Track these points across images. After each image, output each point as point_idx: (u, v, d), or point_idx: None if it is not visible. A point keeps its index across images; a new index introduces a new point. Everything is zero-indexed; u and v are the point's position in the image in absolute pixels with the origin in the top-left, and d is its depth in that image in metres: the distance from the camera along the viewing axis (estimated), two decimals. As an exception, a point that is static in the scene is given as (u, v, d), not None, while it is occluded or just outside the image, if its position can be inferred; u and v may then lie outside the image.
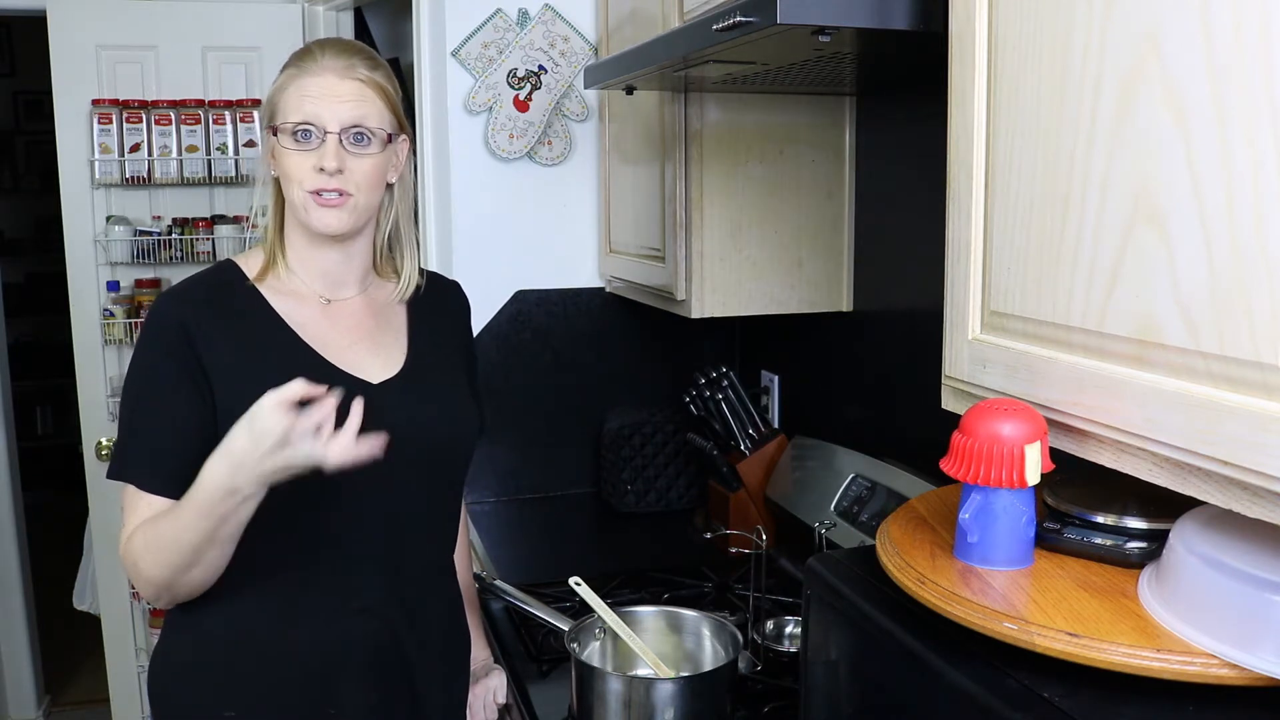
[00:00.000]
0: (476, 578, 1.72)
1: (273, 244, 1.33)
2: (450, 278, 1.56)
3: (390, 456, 1.29)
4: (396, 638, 1.33)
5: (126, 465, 1.24)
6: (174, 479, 1.21)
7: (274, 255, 1.33)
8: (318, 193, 1.26)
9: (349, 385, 1.28)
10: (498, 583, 1.73)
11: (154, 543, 1.19)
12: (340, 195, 1.27)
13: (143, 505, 1.22)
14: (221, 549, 1.18)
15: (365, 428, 1.27)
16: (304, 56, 1.30)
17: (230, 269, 1.34)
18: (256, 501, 1.15)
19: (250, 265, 1.34)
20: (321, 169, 1.25)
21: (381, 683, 1.32)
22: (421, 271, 1.45)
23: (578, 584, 1.47)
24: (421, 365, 1.38)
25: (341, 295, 1.36)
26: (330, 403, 1.10)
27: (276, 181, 1.33)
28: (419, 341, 1.40)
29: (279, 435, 1.08)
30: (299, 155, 1.26)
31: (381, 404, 1.30)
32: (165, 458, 1.22)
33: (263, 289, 1.31)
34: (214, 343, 1.23)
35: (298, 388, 1.09)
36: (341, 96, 1.27)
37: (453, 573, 1.46)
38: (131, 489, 1.23)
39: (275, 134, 1.28)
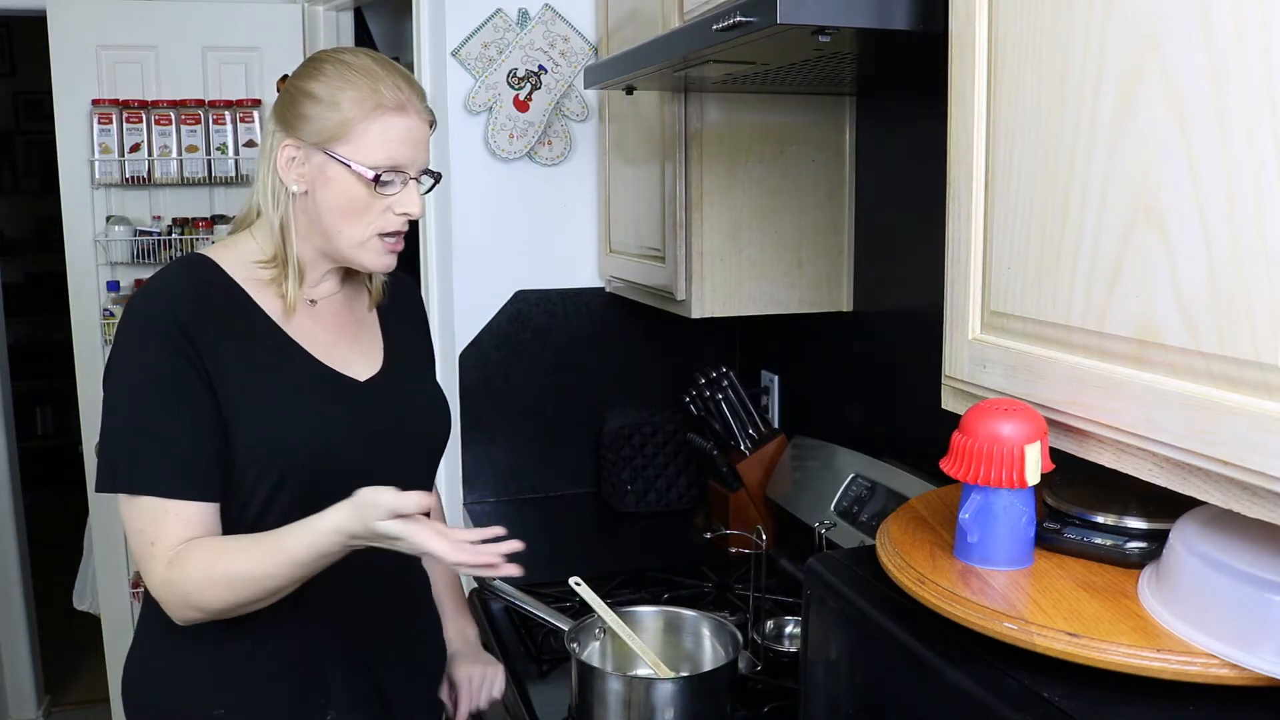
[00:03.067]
0: (477, 578, 1.72)
1: (298, 264, 1.28)
2: (403, 275, 1.53)
3: (383, 450, 1.29)
4: (379, 629, 1.33)
5: (142, 476, 1.18)
6: (207, 482, 1.19)
7: (297, 272, 1.27)
8: (388, 235, 1.25)
9: (339, 384, 1.29)
10: (497, 583, 1.73)
11: (223, 579, 1.16)
12: (403, 237, 1.28)
13: (172, 517, 1.17)
14: (290, 589, 1.19)
15: (358, 425, 1.28)
16: (377, 85, 1.22)
17: (205, 265, 1.27)
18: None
19: (228, 260, 1.28)
20: (405, 213, 1.24)
21: (368, 674, 1.32)
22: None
23: (578, 584, 1.47)
24: (399, 361, 1.38)
25: (321, 294, 1.34)
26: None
27: (292, 196, 1.26)
28: (392, 338, 1.40)
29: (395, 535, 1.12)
30: (375, 197, 1.23)
31: (370, 401, 1.30)
32: (195, 460, 1.18)
33: (246, 286, 1.27)
34: (210, 341, 1.20)
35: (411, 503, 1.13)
36: (424, 142, 1.26)
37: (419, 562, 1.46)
38: (149, 500, 1.17)
39: (332, 159, 1.22)
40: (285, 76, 1.34)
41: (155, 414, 1.19)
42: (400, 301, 1.46)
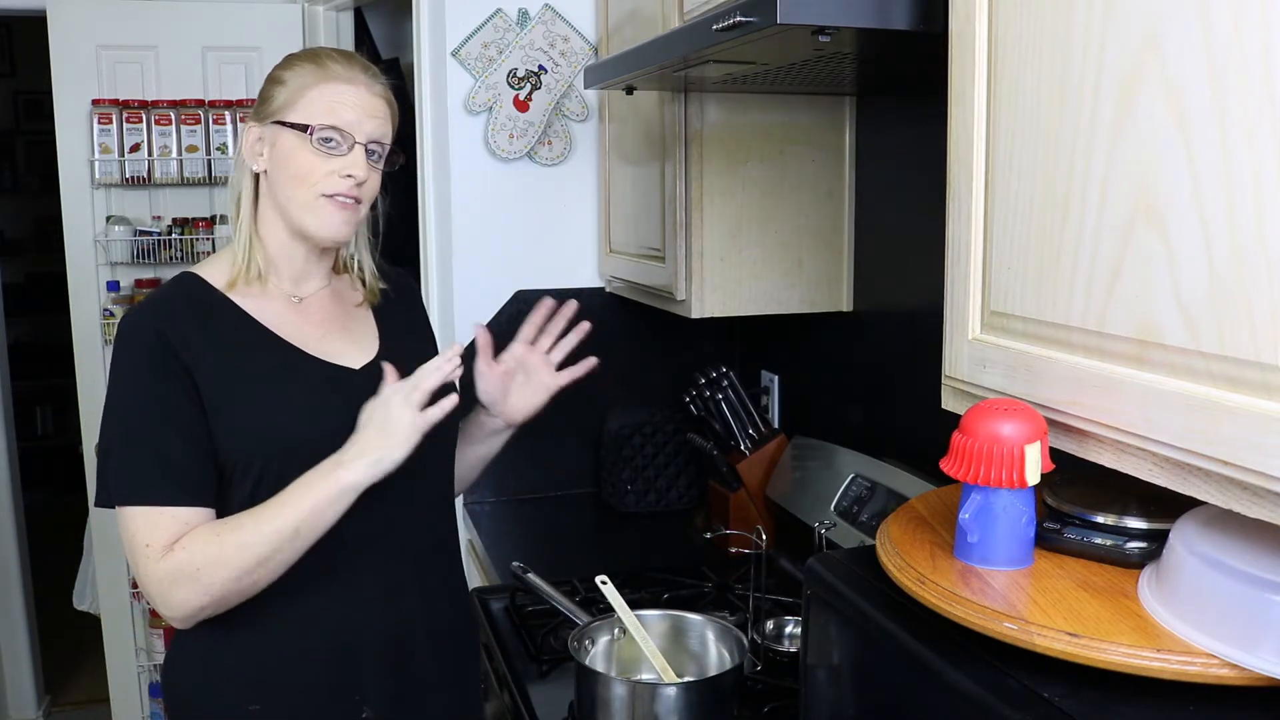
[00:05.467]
0: (511, 572, 1.77)
1: (249, 243, 1.31)
2: (400, 270, 1.55)
3: None
4: (411, 622, 1.34)
5: (131, 487, 1.20)
6: (197, 487, 1.21)
7: (250, 256, 1.31)
8: (334, 195, 1.27)
9: (332, 373, 1.31)
10: (530, 576, 1.74)
11: (233, 547, 1.18)
12: (355, 201, 1.29)
13: (166, 519, 1.19)
14: (294, 549, 1.21)
15: (355, 411, 1.28)
16: (324, 59, 1.29)
17: (190, 280, 1.32)
18: (350, 499, 1.22)
19: (211, 274, 1.32)
20: (349, 175, 1.26)
21: (401, 668, 1.33)
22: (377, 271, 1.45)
23: (604, 582, 1.47)
24: (395, 346, 1.40)
25: (307, 291, 1.36)
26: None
27: (254, 178, 1.32)
28: (386, 326, 1.42)
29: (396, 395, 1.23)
30: (319, 158, 1.26)
31: (366, 388, 1.31)
32: (185, 468, 1.21)
33: (230, 294, 1.30)
34: (193, 348, 1.23)
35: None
36: (372, 110, 1.29)
37: (456, 553, 1.47)
38: (139, 509, 1.19)
39: (282, 127, 1.27)
40: None
41: (139, 427, 1.22)
42: (396, 296, 1.48)
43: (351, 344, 1.36)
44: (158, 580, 1.19)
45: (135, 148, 2.93)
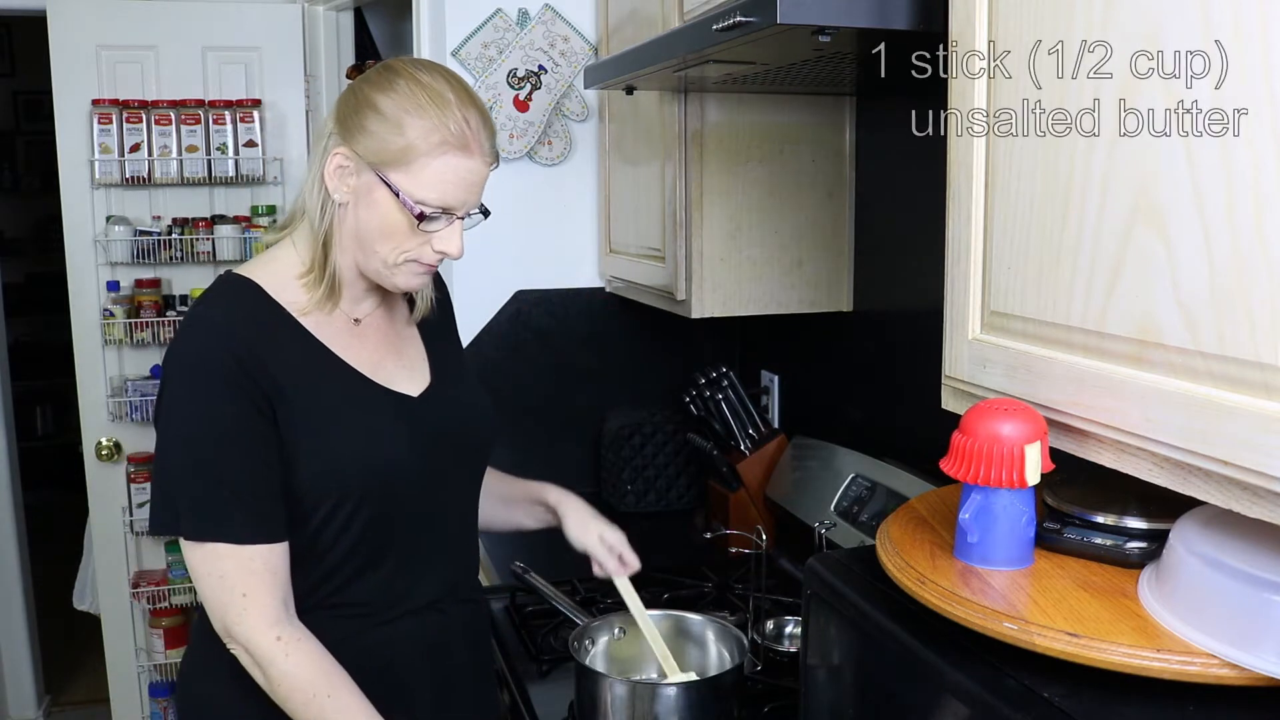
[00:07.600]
0: (512, 572, 1.77)
1: (334, 276, 1.24)
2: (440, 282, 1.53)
3: (442, 463, 1.30)
4: (449, 633, 1.33)
5: (214, 523, 1.15)
6: (275, 523, 1.17)
7: (335, 287, 1.24)
8: (419, 263, 1.22)
9: (395, 401, 1.28)
10: (530, 576, 1.74)
11: (315, 711, 1.15)
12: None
13: (258, 565, 1.15)
14: None
15: (418, 440, 1.27)
16: (441, 113, 1.16)
17: (250, 291, 1.23)
18: None
19: (270, 282, 1.24)
20: (443, 252, 1.21)
21: (441, 678, 1.32)
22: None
23: (620, 579, 1.48)
24: (445, 370, 1.37)
25: (364, 312, 1.31)
26: None
27: (335, 204, 1.22)
28: (433, 347, 1.39)
29: None
30: (415, 231, 1.19)
31: (426, 416, 1.29)
32: (262, 505, 1.17)
33: (291, 310, 1.23)
34: (268, 373, 1.17)
35: None
36: (480, 184, 1.22)
37: (478, 549, 1.46)
38: (226, 548, 1.15)
39: (382, 182, 1.17)
40: (358, 68, 1.30)
41: (219, 458, 1.16)
42: (435, 312, 1.43)
43: (405, 368, 1.32)
44: (264, 644, 1.15)
45: (135, 148, 2.93)
